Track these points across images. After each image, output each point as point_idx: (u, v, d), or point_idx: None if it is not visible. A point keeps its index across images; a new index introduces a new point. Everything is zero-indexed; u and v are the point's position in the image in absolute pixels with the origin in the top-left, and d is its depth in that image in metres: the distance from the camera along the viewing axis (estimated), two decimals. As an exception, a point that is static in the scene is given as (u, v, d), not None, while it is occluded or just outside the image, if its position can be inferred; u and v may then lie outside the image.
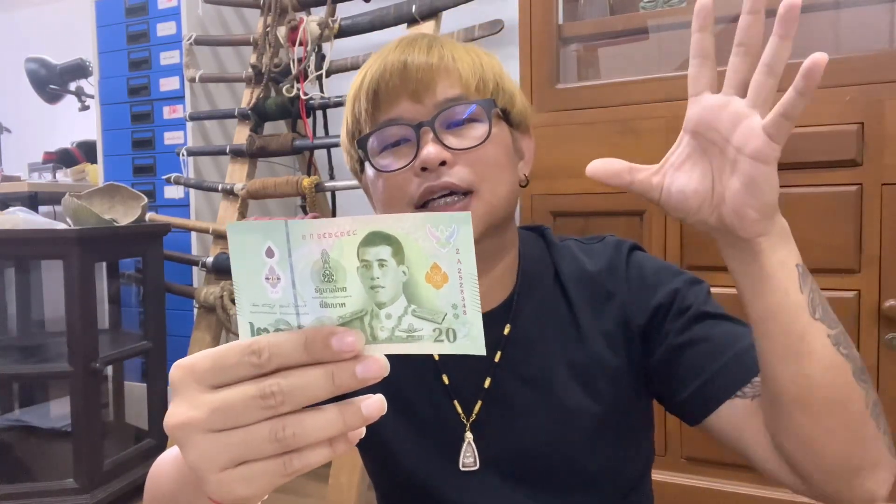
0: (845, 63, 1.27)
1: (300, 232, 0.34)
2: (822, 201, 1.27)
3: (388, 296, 0.34)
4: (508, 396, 0.70)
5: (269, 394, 0.33)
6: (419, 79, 0.65)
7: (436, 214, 0.33)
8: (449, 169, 0.64)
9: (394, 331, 0.35)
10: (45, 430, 2.24)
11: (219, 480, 0.35)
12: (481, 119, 0.66)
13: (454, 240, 0.33)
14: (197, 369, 0.35)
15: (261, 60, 2.05)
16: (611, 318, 0.70)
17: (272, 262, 0.35)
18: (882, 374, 1.24)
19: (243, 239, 0.35)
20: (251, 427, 0.34)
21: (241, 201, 2.07)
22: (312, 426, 0.34)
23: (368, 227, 0.34)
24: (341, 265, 0.34)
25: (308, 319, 0.35)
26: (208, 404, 0.34)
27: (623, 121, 1.44)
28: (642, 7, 1.59)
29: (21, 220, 1.81)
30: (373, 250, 0.34)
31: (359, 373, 0.34)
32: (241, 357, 0.34)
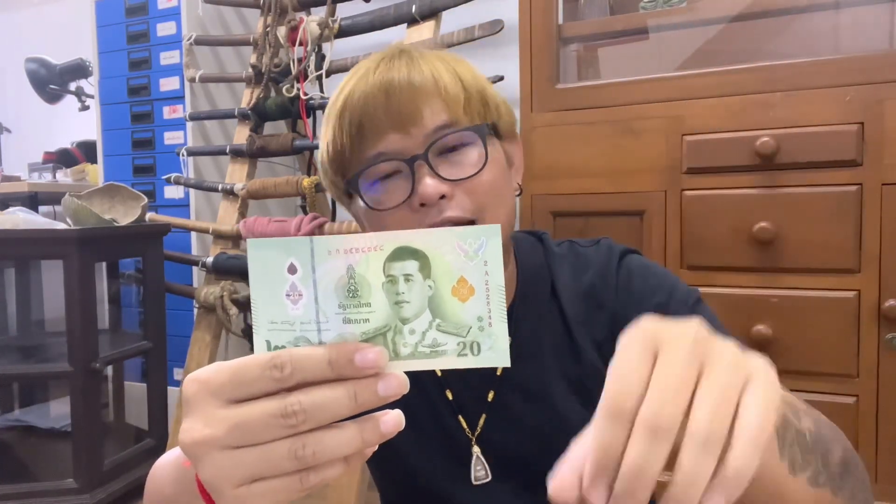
0: (845, 63, 1.27)
1: (326, 247, 0.34)
2: (822, 201, 1.27)
3: (413, 311, 0.34)
4: (511, 409, 0.69)
5: (291, 413, 0.33)
6: (403, 110, 0.62)
7: (464, 228, 0.34)
8: (448, 202, 0.61)
9: (417, 346, 0.35)
10: (45, 430, 2.24)
11: (235, 496, 0.34)
12: (475, 143, 0.64)
13: (482, 252, 0.33)
14: (213, 383, 0.34)
15: (261, 60, 2.05)
16: (603, 328, 0.69)
17: (294, 278, 0.35)
18: (882, 374, 1.23)
19: (265, 255, 0.35)
20: (271, 444, 0.33)
21: (241, 201, 2.07)
22: (332, 444, 0.33)
23: (396, 242, 0.34)
24: (366, 280, 0.34)
25: (330, 336, 0.35)
26: (227, 421, 0.33)
27: (623, 121, 1.44)
28: (642, 7, 1.59)
29: (21, 220, 1.81)
30: (399, 265, 0.34)
31: (380, 391, 0.34)
32: (263, 371, 0.33)
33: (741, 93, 1.34)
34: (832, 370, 1.27)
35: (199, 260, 2.11)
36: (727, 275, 1.35)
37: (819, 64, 1.28)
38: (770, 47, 1.54)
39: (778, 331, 1.28)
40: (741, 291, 1.34)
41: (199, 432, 0.34)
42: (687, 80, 1.40)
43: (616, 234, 1.45)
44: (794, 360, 1.28)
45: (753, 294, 1.32)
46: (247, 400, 0.34)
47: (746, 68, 1.35)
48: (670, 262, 1.39)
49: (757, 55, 1.41)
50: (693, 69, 1.42)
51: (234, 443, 0.33)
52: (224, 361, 0.35)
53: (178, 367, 2.30)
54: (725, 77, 1.36)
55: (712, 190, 1.36)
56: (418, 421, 0.71)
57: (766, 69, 1.33)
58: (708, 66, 1.41)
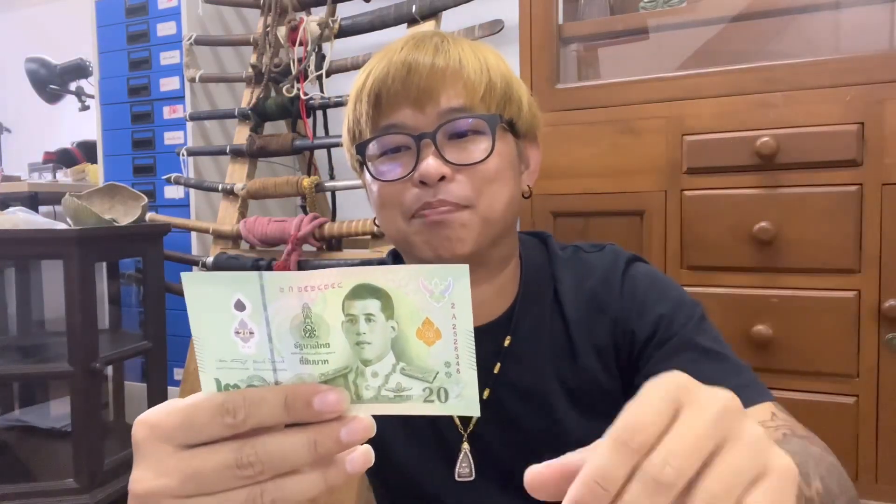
0: (845, 63, 1.27)
1: (277, 284, 0.31)
2: (822, 201, 1.27)
3: (375, 353, 0.32)
4: (505, 409, 0.69)
5: (246, 464, 0.31)
6: (422, 86, 0.63)
7: (430, 267, 0.31)
8: (447, 184, 0.62)
9: (380, 390, 0.33)
10: (45, 430, 2.24)
11: None
12: (485, 133, 0.64)
13: (449, 294, 0.31)
14: (164, 427, 0.32)
15: (261, 60, 2.05)
16: (604, 334, 0.68)
17: (243, 315, 0.32)
18: (882, 374, 1.23)
19: (203, 291, 0.32)
20: (227, 493, 0.32)
21: (241, 201, 2.07)
22: (293, 490, 0.32)
23: (355, 279, 0.31)
24: (324, 320, 0.32)
25: (286, 376, 0.33)
26: (180, 471, 0.32)
27: (623, 121, 1.44)
28: (642, 7, 1.59)
29: (21, 220, 1.81)
30: (360, 304, 0.31)
31: (343, 437, 0.32)
32: (215, 417, 0.31)
33: (741, 93, 1.34)
34: (832, 370, 1.27)
35: (200, 260, 2.11)
36: (727, 275, 1.35)
37: (819, 64, 1.28)
38: (770, 47, 1.54)
39: (778, 331, 1.28)
40: (741, 291, 1.34)
41: (151, 482, 0.32)
42: (687, 80, 1.40)
43: (616, 234, 1.45)
44: (794, 360, 1.28)
45: (753, 294, 1.32)
46: (200, 444, 0.32)
47: (746, 68, 1.35)
48: (670, 262, 1.39)
49: (757, 55, 1.41)
50: (693, 69, 1.42)
51: (188, 493, 0.32)
52: (176, 401, 0.33)
53: (178, 367, 2.30)
54: (725, 77, 1.36)
55: (712, 190, 1.36)
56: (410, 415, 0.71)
57: (766, 69, 1.33)
58: (708, 66, 1.41)
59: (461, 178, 0.63)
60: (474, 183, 0.63)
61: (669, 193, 1.40)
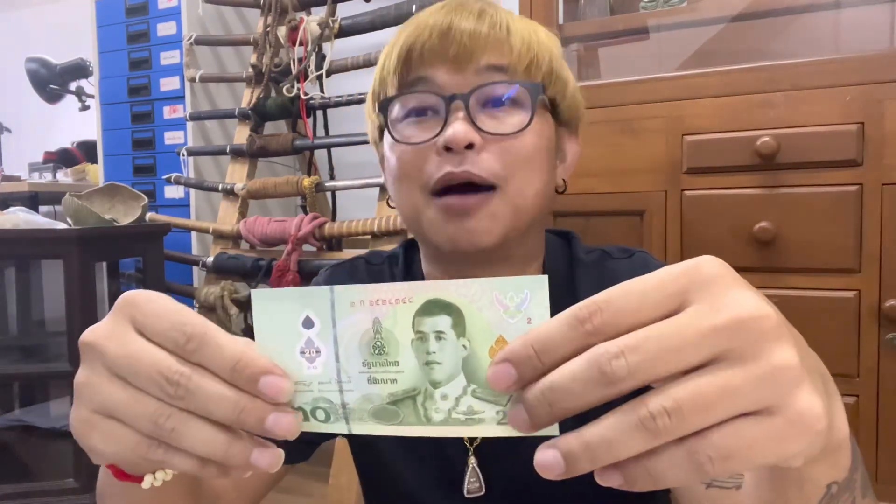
0: (845, 63, 1.27)
1: (349, 299, 0.30)
2: (822, 201, 1.27)
3: (445, 373, 0.30)
4: None
5: (174, 381, 0.30)
6: (462, 43, 0.56)
7: (506, 280, 0.29)
8: (475, 155, 0.55)
9: (450, 413, 0.30)
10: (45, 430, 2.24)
11: (83, 419, 0.33)
12: (524, 104, 0.57)
13: (525, 307, 0.28)
14: (108, 354, 0.32)
15: (261, 60, 2.05)
16: None
17: (311, 333, 0.31)
18: (882, 374, 1.23)
19: (274, 308, 0.31)
20: (142, 394, 0.31)
21: (241, 201, 2.07)
22: (192, 433, 0.31)
23: (427, 294, 0.29)
24: (394, 336, 0.30)
25: (353, 396, 0.31)
26: (121, 350, 0.32)
27: (623, 121, 1.44)
28: (642, 7, 1.59)
29: (21, 220, 1.81)
30: (430, 321, 0.30)
31: (268, 422, 0.31)
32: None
33: (741, 93, 1.34)
34: (832, 370, 1.26)
35: (200, 260, 2.11)
36: (727, 275, 1.35)
37: (819, 64, 1.28)
38: (770, 47, 1.54)
39: (778, 331, 1.28)
40: (741, 291, 1.33)
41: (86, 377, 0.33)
42: (687, 80, 1.40)
43: (616, 234, 1.45)
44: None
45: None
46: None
47: (746, 68, 1.35)
48: (670, 262, 1.39)
49: (757, 55, 1.41)
50: (693, 69, 1.42)
51: (115, 369, 0.32)
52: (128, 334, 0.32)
53: (179, 367, 2.30)
54: (725, 77, 1.36)
55: (712, 190, 1.36)
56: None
57: (766, 69, 1.33)
58: (708, 66, 1.41)
59: (492, 150, 0.56)
60: (505, 159, 0.56)
61: (669, 193, 1.40)
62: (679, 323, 0.25)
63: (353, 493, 1.65)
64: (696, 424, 0.25)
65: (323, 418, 0.32)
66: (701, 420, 0.25)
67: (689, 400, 0.24)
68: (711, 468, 0.25)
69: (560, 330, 0.26)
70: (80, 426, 0.33)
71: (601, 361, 0.25)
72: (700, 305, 0.26)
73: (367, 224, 1.79)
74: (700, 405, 0.24)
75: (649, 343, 0.25)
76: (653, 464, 0.25)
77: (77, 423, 0.33)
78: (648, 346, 0.25)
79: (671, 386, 0.25)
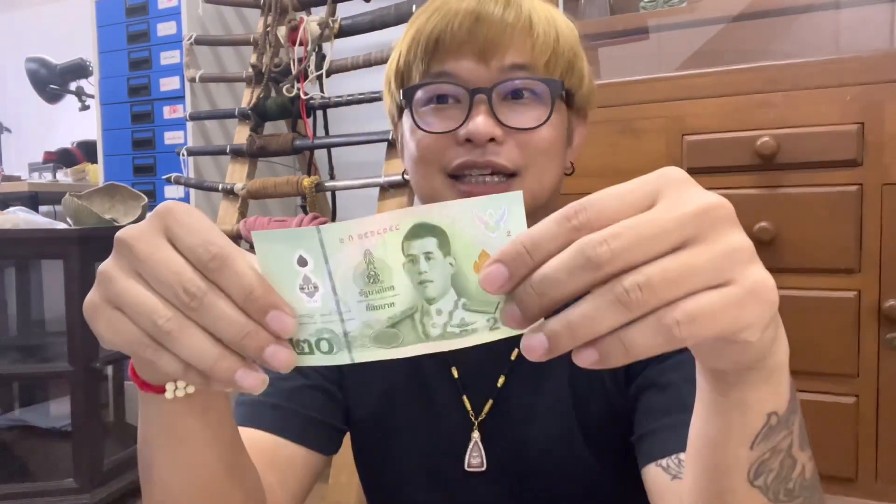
0: (845, 63, 1.27)
1: (337, 236, 0.32)
2: (822, 201, 1.27)
3: (438, 290, 0.32)
4: (519, 399, 0.66)
5: (191, 292, 0.32)
6: (489, 37, 0.58)
7: (483, 198, 0.31)
8: (497, 147, 0.58)
9: (446, 327, 0.33)
10: (45, 430, 2.24)
11: (94, 304, 0.35)
12: (543, 99, 0.60)
13: (504, 222, 0.31)
14: (136, 254, 0.34)
15: (261, 60, 2.05)
16: None
17: (306, 270, 0.33)
18: (882, 374, 1.23)
19: (270, 248, 0.33)
20: (151, 293, 0.33)
21: (241, 201, 2.07)
22: (188, 340, 0.32)
23: (412, 219, 0.31)
24: (386, 263, 0.32)
25: (354, 325, 0.33)
26: (146, 252, 0.34)
27: (623, 121, 1.44)
28: (642, 7, 1.59)
29: (21, 220, 1.81)
30: (418, 243, 0.32)
31: (267, 352, 0.32)
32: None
33: (741, 93, 1.34)
34: (832, 370, 1.27)
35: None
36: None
37: (819, 64, 1.28)
38: (770, 47, 1.54)
39: (778, 331, 1.28)
40: (741, 291, 1.33)
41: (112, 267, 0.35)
42: (687, 80, 1.40)
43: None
44: (794, 360, 1.27)
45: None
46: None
47: (746, 68, 1.35)
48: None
49: (757, 55, 1.41)
50: (693, 69, 1.42)
51: (139, 269, 0.33)
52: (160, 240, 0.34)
53: (178, 367, 2.30)
54: (725, 77, 1.36)
55: (712, 190, 1.36)
56: (414, 397, 0.68)
57: (766, 69, 1.33)
58: (708, 66, 1.41)
59: (511, 142, 0.59)
60: (524, 151, 0.59)
61: (669, 193, 1.40)
62: (653, 215, 0.29)
63: (354, 492, 1.65)
64: (665, 297, 0.28)
65: (326, 349, 0.34)
66: (669, 293, 0.28)
67: (658, 275, 0.28)
68: (679, 332, 0.28)
69: (548, 228, 0.29)
70: (91, 310, 0.35)
71: (586, 249, 0.28)
72: (669, 200, 0.29)
73: (367, 224, 1.79)
74: (668, 279, 0.28)
75: (629, 231, 0.28)
76: (626, 334, 0.28)
77: (88, 306, 0.35)
78: (628, 234, 0.28)
79: (643, 266, 0.28)
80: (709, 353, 0.34)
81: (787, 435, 0.38)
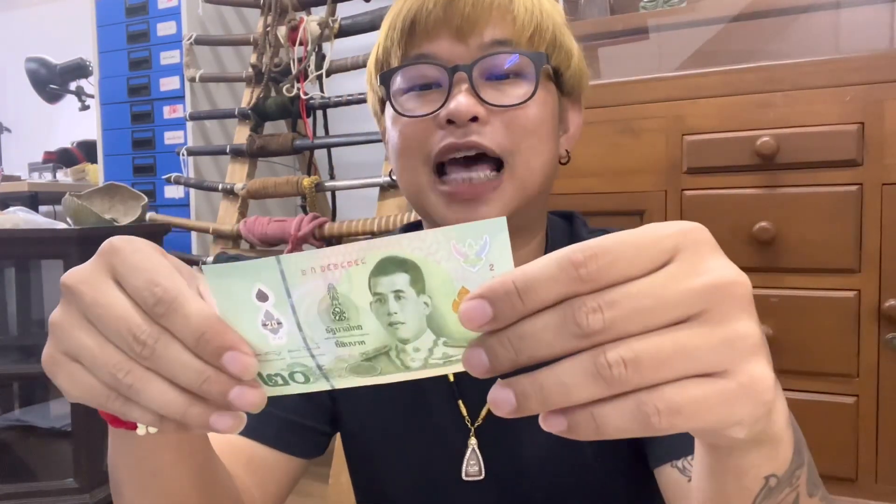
0: (845, 63, 1.26)
1: (299, 267, 0.28)
2: (822, 201, 1.27)
3: (411, 332, 0.29)
4: None
5: (142, 340, 0.30)
6: (466, 14, 0.55)
7: (461, 227, 0.27)
8: (480, 127, 0.55)
9: (426, 361, 0.30)
10: (45, 430, 2.24)
11: (51, 358, 0.33)
12: (527, 75, 0.56)
13: (486, 254, 0.27)
14: (82, 299, 0.32)
15: (261, 60, 2.05)
16: None
17: (267, 306, 0.29)
18: (882, 374, 1.23)
19: (226, 284, 0.29)
20: (108, 347, 0.31)
21: (241, 201, 2.07)
22: (151, 393, 0.31)
23: (379, 252, 0.27)
24: (352, 301, 0.28)
25: (326, 360, 0.30)
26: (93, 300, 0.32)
27: (623, 121, 1.44)
28: (642, 7, 1.59)
29: (21, 220, 1.81)
30: (386, 280, 0.28)
31: (232, 395, 0.30)
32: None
33: (741, 93, 1.34)
34: (832, 370, 1.27)
35: (200, 260, 2.11)
36: (727, 275, 1.35)
37: (819, 64, 1.28)
38: (770, 47, 1.54)
39: (778, 331, 1.28)
40: (741, 291, 1.33)
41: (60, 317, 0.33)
42: (687, 80, 1.40)
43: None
44: (794, 360, 1.28)
45: (753, 294, 1.32)
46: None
47: (746, 68, 1.35)
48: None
49: (757, 55, 1.41)
50: (693, 69, 1.42)
51: (88, 315, 0.32)
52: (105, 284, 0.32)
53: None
54: (725, 77, 1.36)
55: (712, 190, 1.36)
56: (408, 404, 0.65)
57: (766, 69, 1.33)
58: (708, 66, 1.41)
59: (496, 122, 0.55)
60: (511, 131, 0.56)
61: (669, 193, 1.40)
62: (661, 283, 0.26)
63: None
64: (651, 378, 0.25)
65: (303, 380, 0.32)
66: (657, 374, 0.25)
67: (647, 353, 0.25)
68: (658, 421, 0.25)
69: (548, 269, 0.26)
70: (49, 365, 0.33)
71: (578, 315, 0.25)
72: (684, 265, 0.26)
73: (367, 224, 1.79)
74: (658, 360, 0.25)
75: (629, 301, 0.25)
76: (600, 411, 0.26)
77: (47, 360, 0.33)
78: (627, 305, 0.25)
79: (633, 340, 0.25)
80: (692, 433, 0.31)
81: (791, 491, 0.35)
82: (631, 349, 0.25)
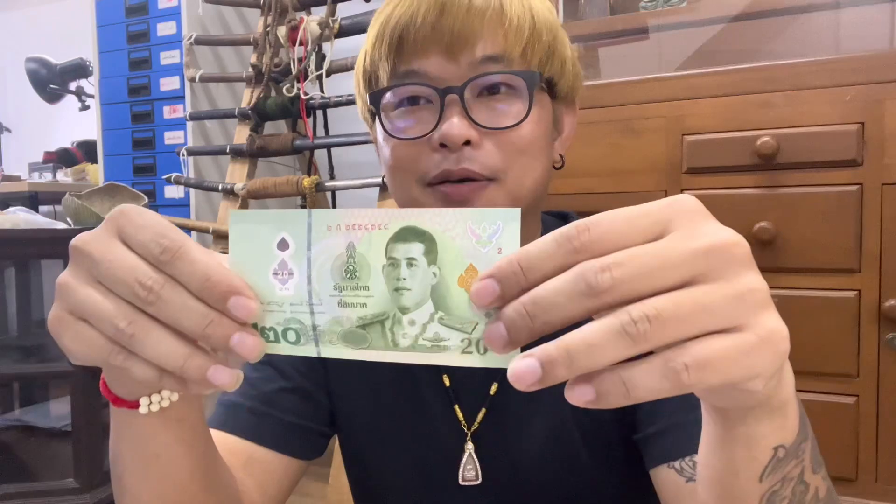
0: (845, 63, 1.27)
1: (326, 222, 0.31)
2: (822, 201, 1.27)
3: (414, 300, 0.31)
4: (512, 406, 0.62)
5: (147, 286, 0.31)
6: (456, 30, 0.53)
7: (479, 210, 0.29)
8: (473, 150, 0.54)
9: (417, 339, 0.31)
10: (45, 430, 2.24)
11: (57, 317, 0.34)
12: (521, 92, 0.55)
13: (497, 238, 0.29)
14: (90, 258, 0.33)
15: (261, 60, 2.05)
16: None
17: (285, 255, 0.32)
18: (882, 374, 1.24)
19: (251, 229, 0.32)
20: (110, 299, 0.32)
21: (241, 201, 2.07)
22: (153, 341, 0.31)
23: (402, 221, 0.30)
24: (367, 261, 0.31)
25: (324, 319, 0.32)
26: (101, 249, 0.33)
27: (623, 121, 1.44)
28: (642, 7, 1.59)
29: (21, 220, 1.81)
30: (402, 247, 0.30)
31: (234, 340, 0.31)
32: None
33: (741, 93, 1.34)
34: (832, 370, 1.27)
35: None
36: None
37: (819, 64, 1.28)
38: (770, 47, 1.54)
39: (778, 331, 1.28)
40: (741, 291, 1.33)
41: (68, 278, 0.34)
42: (687, 80, 1.40)
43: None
44: (794, 360, 1.27)
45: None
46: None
47: (746, 68, 1.35)
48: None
49: (757, 55, 1.42)
50: (693, 69, 1.42)
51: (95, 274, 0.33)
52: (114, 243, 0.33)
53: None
54: (725, 77, 1.36)
55: (712, 190, 1.36)
56: (402, 407, 0.65)
57: (766, 69, 1.33)
58: (708, 66, 1.41)
59: (489, 144, 0.55)
60: (504, 151, 0.55)
61: (669, 193, 1.40)
62: (662, 245, 0.27)
63: (353, 492, 1.65)
64: (674, 334, 0.26)
65: (293, 340, 0.33)
66: (680, 330, 0.26)
67: (668, 309, 0.26)
68: (687, 377, 0.26)
69: (547, 247, 0.27)
70: (55, 324, 0.34)
71: (587, 274, 0.26)
72: (680, 232, 0.27)
73: (367, 224, 1.79)
74: (678, 315, 0.26)
75: (634, 260, 0.26)
76: (628, 373, 0.26)
77: (52, 320, 0.34)
78: (633, 263, 0.26)
79: (653, 298, 0.26)
80: (710, 395, 0.32)
81: (797, 464, 0.36)
82: (653, 306, 0.26)
